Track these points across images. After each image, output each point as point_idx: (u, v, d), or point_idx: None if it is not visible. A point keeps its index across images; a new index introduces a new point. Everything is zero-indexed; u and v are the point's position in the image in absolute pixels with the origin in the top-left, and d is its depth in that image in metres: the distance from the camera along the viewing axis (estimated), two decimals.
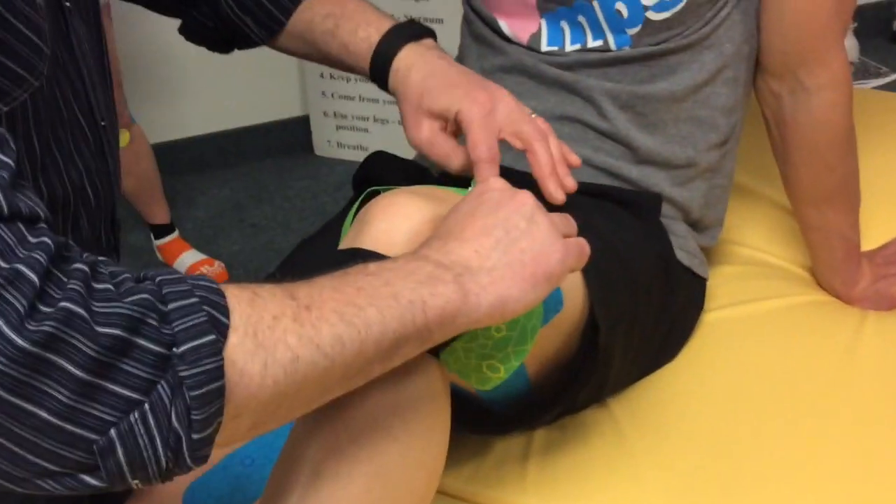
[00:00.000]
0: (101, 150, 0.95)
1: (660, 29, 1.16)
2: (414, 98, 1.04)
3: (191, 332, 0.61)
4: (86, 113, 0.92)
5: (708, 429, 1.15)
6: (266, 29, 1.16)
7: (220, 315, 0.63)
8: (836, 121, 1.23)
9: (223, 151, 3.23)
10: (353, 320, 0.69)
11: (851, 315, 1.32)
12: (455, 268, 0.76)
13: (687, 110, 1.21)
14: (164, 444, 0.61)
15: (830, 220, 1.31)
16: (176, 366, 0.60)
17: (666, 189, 1.24)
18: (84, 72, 0.91)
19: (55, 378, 0.57)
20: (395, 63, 1.07)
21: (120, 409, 0.59)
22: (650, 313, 1.17)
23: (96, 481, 0.61)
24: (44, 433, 0.58)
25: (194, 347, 0.61)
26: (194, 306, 0.62)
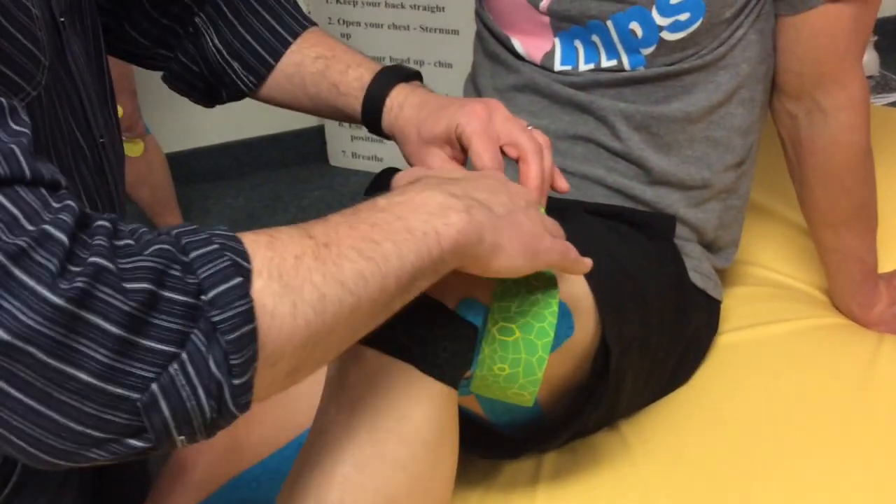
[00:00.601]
0: (100, 167, 0.94)
1: (674, 49, 1.15)
2: (413, 132, 1.03)
3: (216, 278, 0.61)
4: (84, 130, 0.91)
5: (720, 455, 1.14)
6: (254, 73, 1.13)
7: (241, 260, 0.63)
8: (853, 142, 1.22)
9: (238, 161, 3.24)
10: (372, 255, 0.70)
11: (868, 338, 1.30)
12: (465, 199, 0.78)
13: (702, 131, 1.20)
14: (207, 392, 0.61)
15: (847, 243, 1.29)
16: (207, 312, 0.60)
17: (680, 210, 1.22)
18: (81, 88, 0.91)
19: (91, 337, 0.57)
20: (388, 102, 1.06)
21: (158, 364, 0.59)
22: (663, 336, 1.16)
23: (143, 443, 0.61)
24: (86, 396, 0.58)
25: (222, 292, 0.61)
26: (215, 252, 0.63)
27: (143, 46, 1.13)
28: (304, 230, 0.69)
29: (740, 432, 1.16)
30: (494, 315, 0.88)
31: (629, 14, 1.14)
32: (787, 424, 1.16)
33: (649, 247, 1.18)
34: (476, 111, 0.99)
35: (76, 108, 0.90)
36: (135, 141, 2.46)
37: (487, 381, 0.91)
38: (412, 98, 1.05)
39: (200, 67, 1.14)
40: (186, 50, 1.14)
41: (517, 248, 0.80)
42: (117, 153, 1.01)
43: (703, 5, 1.12)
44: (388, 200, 0.75)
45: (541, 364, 0.90)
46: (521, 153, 0.97)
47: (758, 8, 1.16)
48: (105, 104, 0.99)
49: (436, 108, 1.02)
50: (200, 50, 1.13)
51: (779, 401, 1.19)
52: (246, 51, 1.12)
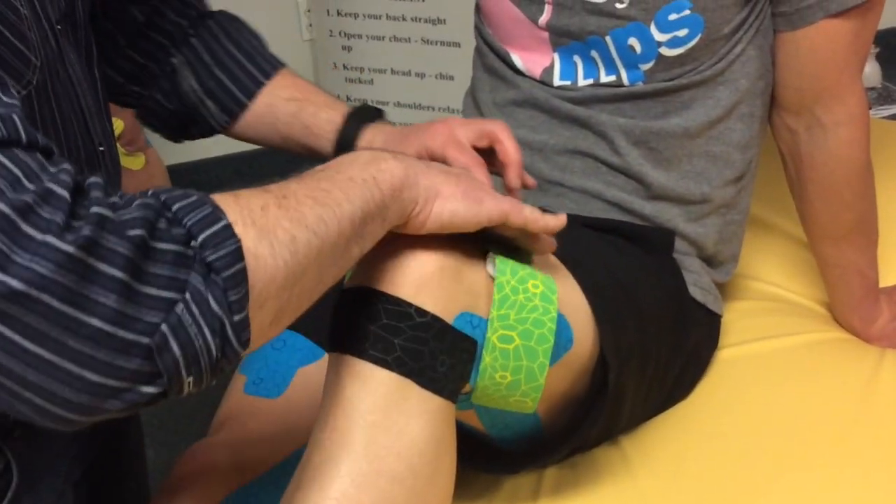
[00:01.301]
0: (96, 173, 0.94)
1: (673, 65, 1.15)
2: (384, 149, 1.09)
3: (203, 223, 0.65)
4: (84, 135, 0.93)
5: (721, 470, 1.13)
6: (227, 112, 1.16)
7: (219, 208, 0.67)
8: (853, 157, 1.22)
9: (239, 173, 3.24)
10: (326, 202, 0.74)
11: (870, 353, 1.30)
12: (394, 154, 0.85)
13: (701, 146, 1.20)
14: (212, 330, 0.64)
15: (848, 257, 1.29)
16: (200, 254, 0.64)
17: (680, 225, 1.22)
18: (80, 94, 0.92)
19: (101, 283, 0.60)
20: (358, 142, 1.11)
21: (163, 309, 0.62)
22: (663, 351, 1.15)
23: (156, 388, 0.64)
24: (99, 343, 0.61)
25: (212, 234, 0.65)
26: (196, 202, 0.67)
27: (115, 84, 1.15)
28: (261, 188, 0.74)
29: (741, 447, 1.15)
30: (494, 324, 0.88)
31: (628, 30, 1.14)
32: (788, 439, 1.16)
33: (648, 261, 1.18)
34: (437, 128, 1.06)
35: (77, 112, 0.91)
36: (136, 154, 2.46)
37: (489, 391, 0.91)
38: (380, 135, 1.11)
39: (175, 105, 1.17)
40: (162, 88, 1.17)
41: (455, 191, 0.86)
42: (114, 162, 1.02)
43: (701, 21, 1.12)
44: (324, 164, 0.82)
45: (542, 370, 0.90)
46: (493, 137, 1.04)
47: (756, 24, 1.16)
48: (100, 114, 1.00)
49: (401, 138, 1.09)
50: (176, 88, 1.16)
51: (780, 415, 1.19)
52: (221, 90, 1.15)
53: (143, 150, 2.47)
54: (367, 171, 0.80)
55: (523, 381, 0.90)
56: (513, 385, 0.91)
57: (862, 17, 1.14)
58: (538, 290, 0.90)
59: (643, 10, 1.12)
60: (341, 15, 2.90)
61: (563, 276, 1.03)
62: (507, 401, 0.93)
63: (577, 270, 1.05)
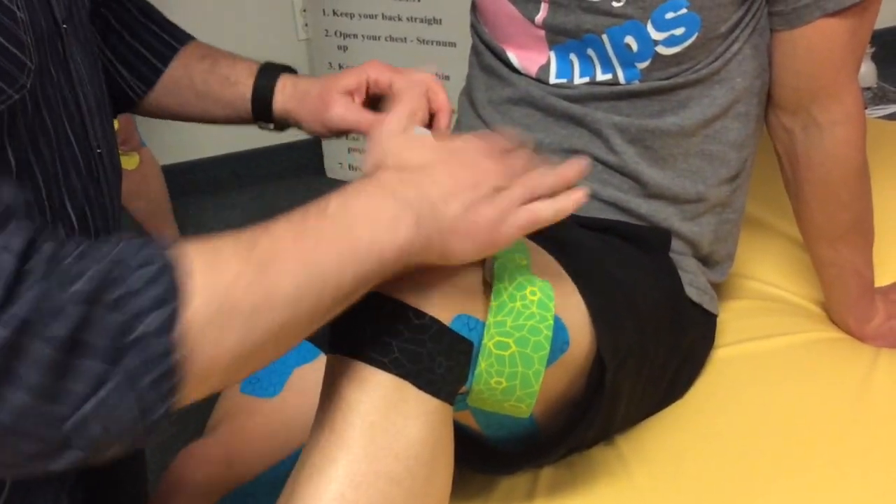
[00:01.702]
0: (95, 177, 0.95)
1: (670, 63, 1.15)
2: (312, 98, 1.11)
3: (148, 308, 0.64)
4: (80, 137, 0.92)
5: (718, 468, 1.13)
6: (144, 80, 1.16)
7: (177, 285, 0.65)
8: (849, 156, 1.22)
9: (235, 173, 3.24)
10: (311, 272, 0.72)
11: (865, 353, 1.30)
12: (417, 205, 0.80)
13: (697, 145, 1.20)
14: (133, 416, 0.64)
15: (844, 257, 1.29)
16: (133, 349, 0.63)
17: (675, 224, 1.22)
18: (81, 96, 0.92)
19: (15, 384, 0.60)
20: (279, 82, 1.13)
21: (82, 398, 0.62)
22: (659, 351, 1.15)
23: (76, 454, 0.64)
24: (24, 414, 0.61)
25: (150, 332, 0.63)
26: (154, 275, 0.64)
27: None
28: (249, 243, 0.71)
29: (737, 446, 1.16)
30: (490, 330, 0.88)
31: (625, 28, 1.14)
32: (784, 439, 1.16)
33: (644, 261, 1.18)
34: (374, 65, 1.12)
35: (73, 115, 0.91)
36: (130, 154, 2.46)
37: (484, 395, 0.91)
38: (304, 79, 1.14)
39: None
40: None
41: (469, 248, 0.84)
42: (114, 164, 1.02)
43: (698, 20, 1.12)
44: (339, 204, 0.78)
45: (537, 377, 0.90)
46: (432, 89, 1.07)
47: (753, 22, 1.16)
48: (103, 114, 1.00)
49: (332, 76, 1.12)
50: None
51: (775, 415, 1.19)
52: (135, 58, 1.15)
53: (137, 150, 2.48)
54: (380, 236, 0.76)
55: (518, 387, 0.90)
56: (508, 391, 0.91)
57: (859, 16, 1.14)
58: (535, 297, 0.90)
59: (640, 9, 1.12)
60: (337, 15, 2.90)
61: (559, 276, 1.03)
62: (501, 405, 0.93)
63: (573, 271, 1.04)
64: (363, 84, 1.10)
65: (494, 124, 1.28)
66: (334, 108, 1.09)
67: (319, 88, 1.11)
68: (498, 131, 1.05)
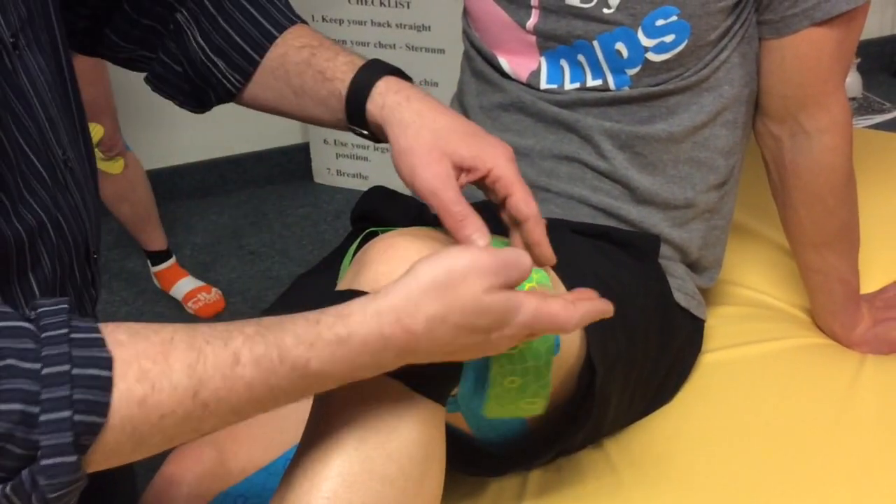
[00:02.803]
0: (62, 184, 0.91)
1: (659, 70, 1.16)
2: (425, 133, 0.91)
3: (54, 450, 0.63)
4: (38, 150, 0.87)
5: (705, 472, 1.14)
6: (239, 71, 1.05)
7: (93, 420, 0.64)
8: (836, 164, 1.23)
9: (223, 178, 3.24)
10: (247, 413, 0.72)
11: (850, 359, 1.31)
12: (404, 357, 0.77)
13: (686, 151, 1.21)
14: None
15: (830, 264, 1.30)
16: (36, 473, 0.62)
17: (664, 230, 1.23)
18: (36, 107, 0.88)
19: None
20: (379, 85, 0.95)
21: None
22: (648, 355, 1.16)
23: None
24: None
25: (53, 465, 0.63)
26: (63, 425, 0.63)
27: (125, 49, 1.09)
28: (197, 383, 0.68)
29: (723, 451, 1.16)
30: None
31: (615, 35, 1.15)
32: (770, 443, 1.16)
33: (634, 266, 1.19)
34: (503, 151, 0.92)
35: (28, 129, 0.86)
36: (115, 158, 2.46)
37: (502, 399, 0.92)
38: (417, 93, 0.94)
39: (184, 67, 1.08)
40: (168, 49, 1.08)
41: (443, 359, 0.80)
42: (85, 168, 0.97)
43: (688, 27, 1.13)
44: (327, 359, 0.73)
45: (548, 367, 0.91)
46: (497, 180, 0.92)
47: (742, 31, 1.17)
48: (70, 118, 0.96)
49: (459, 126, 0.92)
50: (183, 48, 1.07)
51: (762, 420, 1.20)
52: (229, 47, 1.05)
53: (122, 154, 2.48)
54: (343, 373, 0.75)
55: (532, 381, 0.91)
56: (522, 387, 0.91)
57: (846, 26, 1.16)
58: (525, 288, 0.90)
59: (631, 16, 1.13)
60: (326, 21, 2.91)
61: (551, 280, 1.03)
62: (518, 405, 0.93)
63: (565, 276, 1.05)
64: (481, 172, 0.90)
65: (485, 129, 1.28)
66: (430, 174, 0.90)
67: (428, 135, 0.91)
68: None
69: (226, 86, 1.07)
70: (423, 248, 0.88)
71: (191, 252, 2.95)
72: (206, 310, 2.65)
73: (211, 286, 2.71)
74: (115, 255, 2.94)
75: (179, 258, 2.79)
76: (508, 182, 0.90)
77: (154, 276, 2.75)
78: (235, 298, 2.72)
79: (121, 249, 2.96)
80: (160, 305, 2.72)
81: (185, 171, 3.19)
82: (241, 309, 2.67)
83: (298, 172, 3.27)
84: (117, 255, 2.95)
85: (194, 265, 2.85)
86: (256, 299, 2.71)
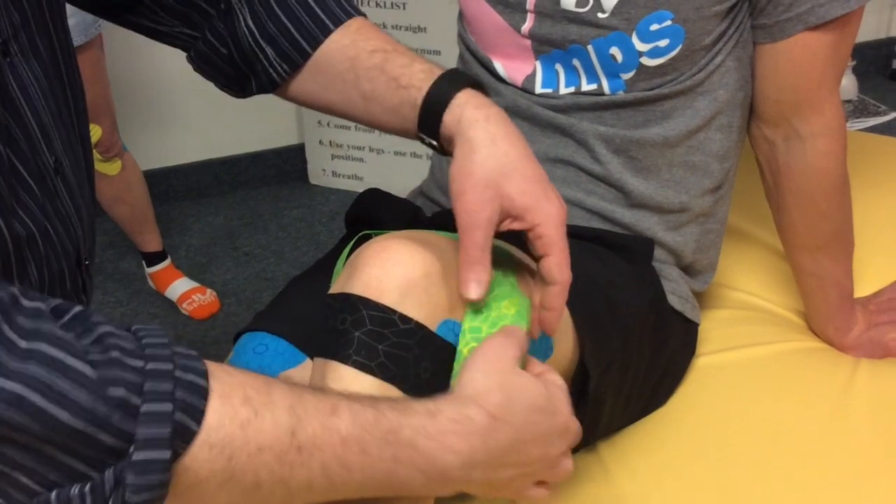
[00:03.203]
0: (52, 192, 0.89)
1: (654, 74, 1.16)
2: (492, 162, 0.87)
3: (150, 443, 0.61)
4: (27, 159, 0.85)
5: (698, 476, 1.14)
6: (288, 61, 1.01)
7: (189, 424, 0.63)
8: (830, 168, 1.23)
9: (218, 179, 3.23)
10: (334, 479, 0.70)
11: (844, 362, 1.31)
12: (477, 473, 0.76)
13: (680, 155, 1.21)
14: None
15: (824, 267, 1.30)
16: (125, 468, 0.61)
17: (658, 233, 1.23)
18: (26, 115, 0.85)
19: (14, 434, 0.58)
20: (459, 96, 0.90)
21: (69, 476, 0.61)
22: (641, 358, 1.16)
23: None
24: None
25: (145, 461, 0.61)
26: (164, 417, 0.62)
27: (167, 23, 1.03)
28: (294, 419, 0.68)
29: (717, 455, 1.16)
30: (465, 336, 0.88)
31: (610, 39, 1.15)
32: (763, 448, 1.17)
33: (628, 269, 1.19)
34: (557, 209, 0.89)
35: (17, 138, 0.84)
36: (112, 160, 2.46)
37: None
38: (497, 113, 0.90)
39: (230, 50, 1.03)
40: (216, 29, 1.02)
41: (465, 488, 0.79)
42: (82, 174, 0.95)
43: (682, 32, 1.13)
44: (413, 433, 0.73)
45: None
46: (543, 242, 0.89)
47: (736, 35, 1.17)
48: (68, 125, 0.93)
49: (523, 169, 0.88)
50: (231, 30, 1.01)
51: (755, 424, 1.20)
52: (281, 35, 1.00)
53: (119, 156, 2.47)
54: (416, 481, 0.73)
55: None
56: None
57: (840, 30, 1.16)
58: (511, 311, 0.90)
59: (625, 20, 1.13)
60: None
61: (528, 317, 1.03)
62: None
63: None
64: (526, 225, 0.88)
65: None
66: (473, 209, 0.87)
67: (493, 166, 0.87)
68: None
69: (271, 75, 1.02)
70: (416, 252, 0.88)
71: (186, 253, 2.95)
72: (201, 311, 2.65)
73: (206, 287, 2.71)
74: (110, 256, 2.93)
75: (174, 259, 2.79)
76: (550, 242, 0.88)
77: (149, 277, 2.75)
78: (230, 300, 2.72)
79: (115, 250, 2.96)
80: (155, 306, 2.72)
81: (180, 173, 3.18)
82: (236, 310, 2.67)
83: (294, 174, 3.27)
84: (112, 255, 2.94)
85: (189, 266, 2.85)
86: (251, 301, 2.70)
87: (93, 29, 2.19)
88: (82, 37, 2.16)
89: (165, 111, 3.06)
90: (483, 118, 0.89)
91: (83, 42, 2.17)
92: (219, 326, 2.62)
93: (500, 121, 0.90)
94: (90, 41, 2.20)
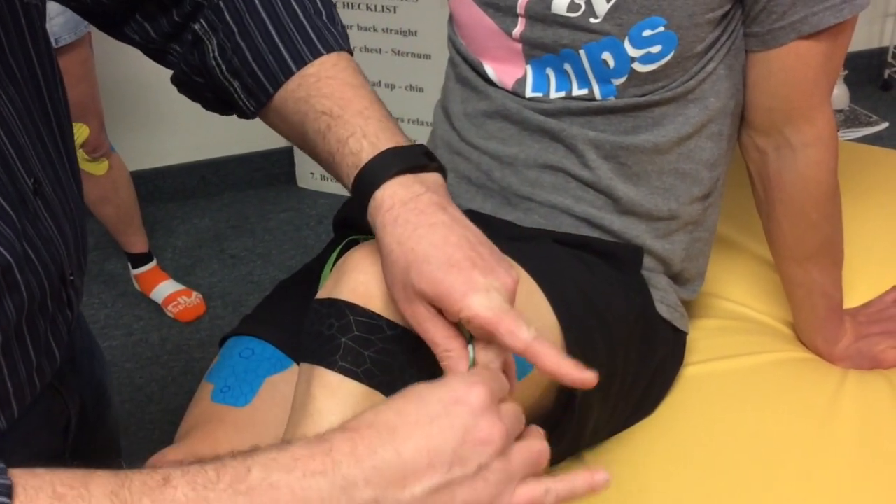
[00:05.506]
0: (32, 214, 0.85)
1: (645, 81, 1.15)
2: (401, 266, 0.81)
3: None
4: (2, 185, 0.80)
5: (685, 486, 1.14)
6: (253, 98, 0.95)
7: None
8: (821, 178, 1.22)
9: (205, 181, 3.23)
10: None
11: (832, 373, 1.30)
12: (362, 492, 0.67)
13: (670, 163, 1.20)
14: None
15: (814, 278, 1.30)
16: None
17: (647, 241, 1.23)
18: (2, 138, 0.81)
19: None
20: (379, 193, 0.84)
21: None
22: (629, 367, 1.16)
23: None
24: None
25: None
26: None
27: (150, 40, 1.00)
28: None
29: (704, 464, 1.16)
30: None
31: (602, 44, 1.14)
32: (750, 458, 1.16)
33: (616, 277, 1.18)
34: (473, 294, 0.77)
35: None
36: (100, 160, 2.45)
37: None
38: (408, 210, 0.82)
39: (205, 80, 0.99)
40: (188, 59, 0.99)
41: None
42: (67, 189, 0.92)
43: (675, 39, 1.12)
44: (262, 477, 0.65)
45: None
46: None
47: (729, 43, 1.17)
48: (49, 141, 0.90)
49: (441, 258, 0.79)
50: (203, 61, 0.97)
51: (743, 434, 1.19)
52: (244, 71, 0.94)
53: (106, 156, 2.46)
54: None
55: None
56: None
57: (833, 39, 1.15)
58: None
59: (617, 26, 1.12)
60: None
61: (532, 292, 1.03)
62: None
63: (546, 287, 1.04)
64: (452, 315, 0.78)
65: (469, 137, 1.28)
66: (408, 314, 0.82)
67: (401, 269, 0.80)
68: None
69: (242, 107, 0.97)
70: None
71: (172, 255, 2.94)
72: (187, 314, 2.64)
73: (192, 290, 2.70)
74: (95, 257, 2.92)
75: (160, 261, 2.78)
76: (484, 322, 0.76)
77: (134, 278, 2.74)
78: (216, 303, 2.71)
79: (101, 251, 2.94)
80: (140, 308, 2.71)
81: (167, 174, 3.17)
82: (222, 313, 2.66)
83: (282, 176, 3.27)
84: (97, 256, 2.93)
85: (175, 268, 2.84)
86: (237, 304, 2.69)
87: (81, 27, 2.18)
88: (70, 35, 2.15)
89: (153, 111, 3.05)
90: (391, 222, 0.82)
91: (71, 41, 2.16)
92: (204, 329, 2.61)
93: (410, 215, 0.82)
94: (78, 39, 2.19)
